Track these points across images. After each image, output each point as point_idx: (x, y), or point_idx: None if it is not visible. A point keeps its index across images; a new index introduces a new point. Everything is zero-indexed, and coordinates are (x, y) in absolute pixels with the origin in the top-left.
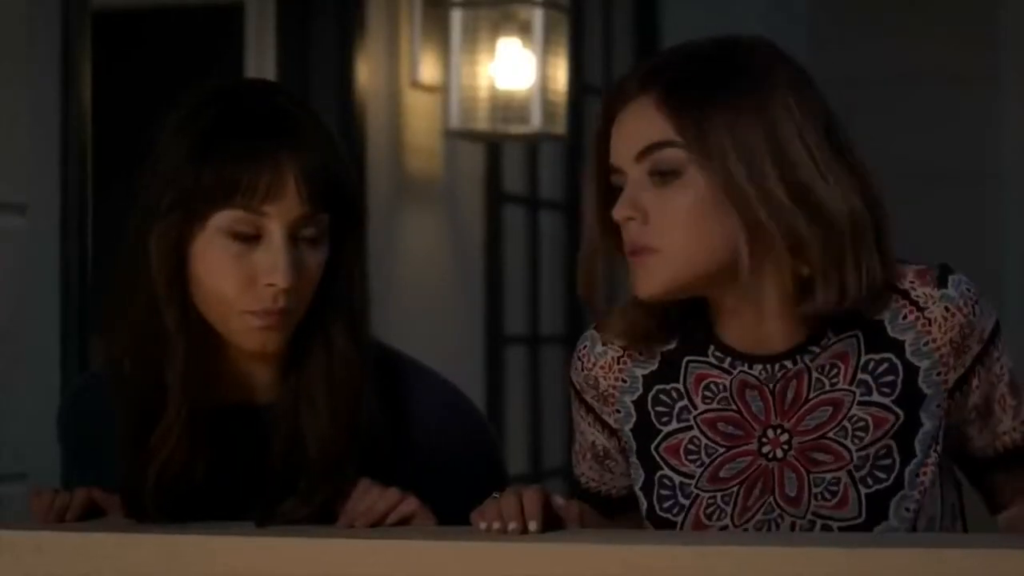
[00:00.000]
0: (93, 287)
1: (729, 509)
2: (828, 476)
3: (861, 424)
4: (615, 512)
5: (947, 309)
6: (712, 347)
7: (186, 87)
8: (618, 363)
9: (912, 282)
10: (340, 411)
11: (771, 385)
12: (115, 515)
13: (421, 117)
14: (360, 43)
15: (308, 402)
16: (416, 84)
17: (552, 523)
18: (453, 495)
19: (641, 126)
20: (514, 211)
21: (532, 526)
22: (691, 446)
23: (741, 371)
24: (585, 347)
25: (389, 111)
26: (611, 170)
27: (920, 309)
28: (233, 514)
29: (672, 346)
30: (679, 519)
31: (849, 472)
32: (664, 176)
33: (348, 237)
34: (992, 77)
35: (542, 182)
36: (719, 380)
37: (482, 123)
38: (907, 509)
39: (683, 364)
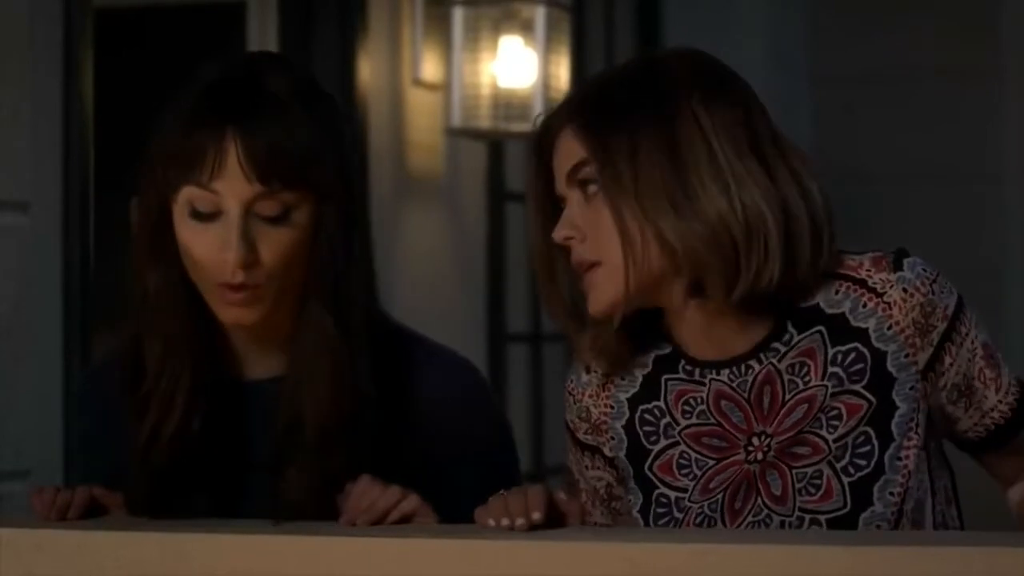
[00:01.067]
0: (95, 284)
1: (718, 516)
2: (809, 470)
3: (835, 413)
4: None
5: (905, 291)
6: (681, 361)
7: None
8: (604, 389)
9: (868, 270)
10: (324, 387)
11: (746, 394)
12: (117, 513)
13: (423, 115)
14: (362, 41)
15: (300, 379)
16: (418, 82)
17: (556, 521)
18: (462, 469)
19: (566, 152)
20: (516, 209)
21: (536, 516)
22: (682, 460)
23: (712, 379)
24: (572, 381)
25: (391, 109)
26: (559, 200)
27: (879, 295)
28: (230, 488)
29: (649, 368)
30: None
31: (829, 463)
32: (588, 193)
33: (328, 211)
34: (994, 74)
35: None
36: (695, 393)
37: (484, 121)
38: (891, 494)
39: (662, 382)
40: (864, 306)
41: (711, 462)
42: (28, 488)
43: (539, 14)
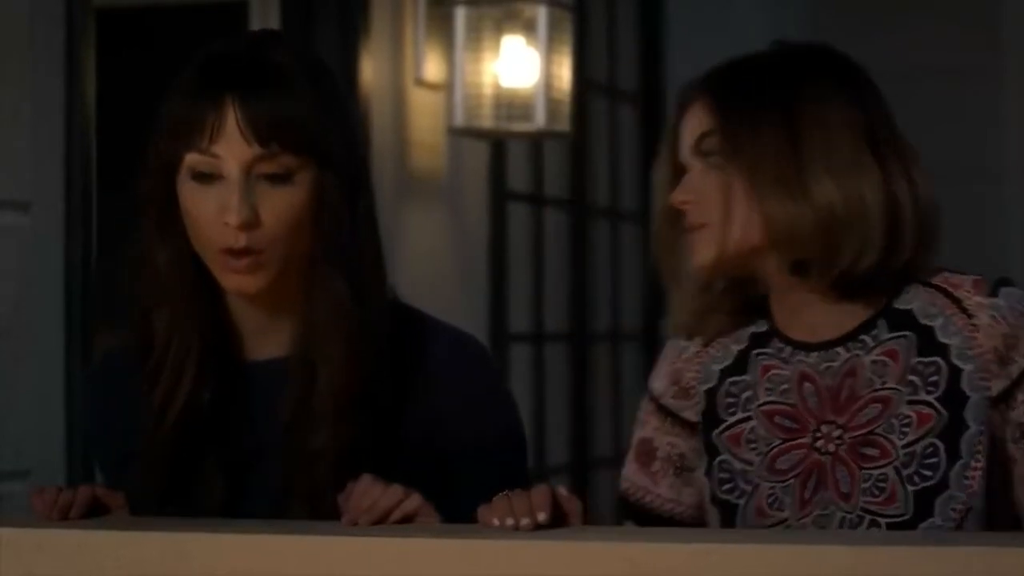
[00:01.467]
0: (96, 285)
1: (788, 500)
2: (876, 472)
3: (907, 421)
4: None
5: (993, 317)
6: (775, 338)
7: None
8: (698, 357)
9: (967, 291)
10: (339, 353)
11: (828, 381)
12: (119, 512)
13: (425, 115)
14: (364, 41)
15: (314, 346)
16: (420, 82)
17: (559, 520)
18: (468, 444)
19: (694, 122)
20: (518, 209)
21: (541, 517)
22: (751, 435)
23: (799, 359)
24: (671, 347)
25: (393, 109)
26: (679, 166)
27: (969, 316)
28: (236, 469)
29: (744, 344)
30: (740, 502)
31: (896, 468)
32: (708, 159)
33: (330, 178)
34: (995, 74)
35: (546, 180)
36: (781, 371)
37: (486, 121)
38: (953, 509)
39: (751, 357)
40: (954, 324)
41: (777, 441)
42: (28, 488)
43: (541, 14)
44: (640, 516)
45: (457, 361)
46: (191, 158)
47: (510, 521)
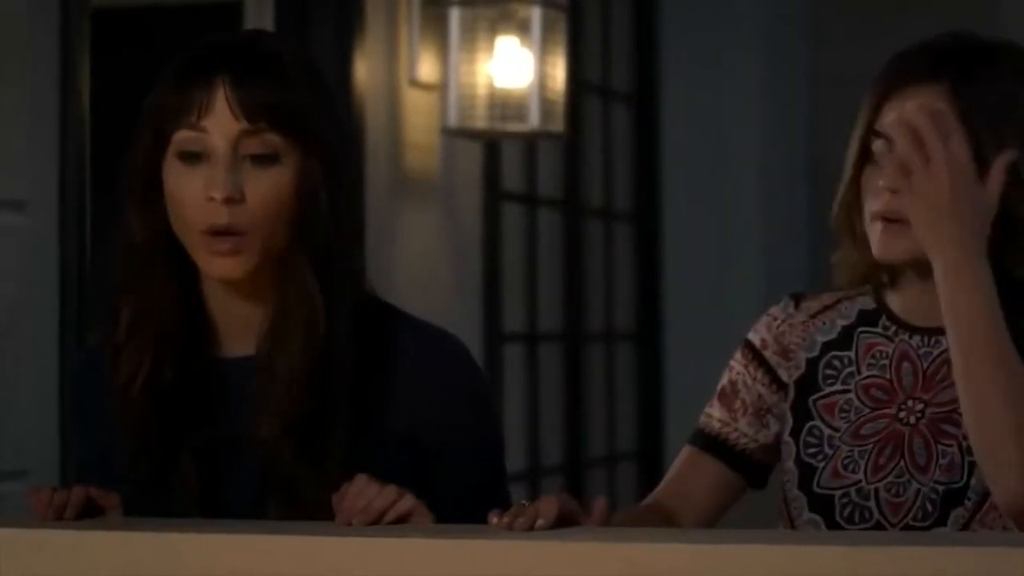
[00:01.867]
0: (92, 284)
1: (863, 463)
2: (951, 450)
3: None
4: (753, 476)
5: None
6: (883, 317)
7: None
8: (805, 327)
9: None
10: (296, 335)
11: (925, 364)
12: (114, 513)
13: (419, 115)
14: (359, 41)
15: (275, 330)
16: (414, 82)
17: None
18: (447, 440)
19: (926, 111)
20: (512, 209)
21: (540, 523)
22: (845, 406)
23: (902, 340)
24: (780, 308)
25: (387, 109)
26: (875, 133)
27: None
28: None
29: (851, 320)
30: (820, 465)
31: (959, 443)
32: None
33: (312, 164)
34: None
35: (540, 180)
36: (884, 348)
37: (480, 121)
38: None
39: (856, 335)
40: None
41: (867, 410)
42: (26, 488)
43: (535, 15)
44: (714, 446)
45: (437, 357)
46: (179, 136)
47: (506, 519)
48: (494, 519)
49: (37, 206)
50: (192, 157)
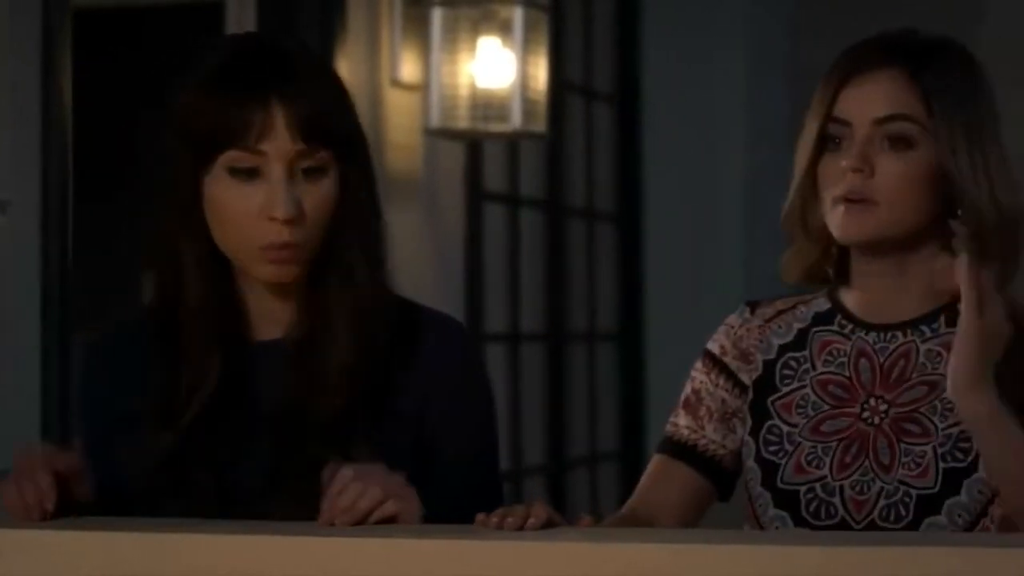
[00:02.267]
0: (74, 284)
1: (828, 460)
2: (916, 448)
3: (950, 406)
4: (721, 484)
5: None
6: (838, 316)
7: (167, 85)
8: (760, 331)
9: (1021, 307)
10: (361, 339)
11: (882, 359)
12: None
13: (401, 115)
14: (340, 41)
15: (328, 332)
16: (396, 83)
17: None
18: (450, 422)
19: (888, 95)
20: (494, 209)
21: (531, 522)
22: (801, 402)
23: (859, 337)
24: (736, 316)
25: (369, 110)
26: (833, 120)
27: (1020, 331)
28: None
29: (806, 323)
30: (783, 462)
31: (934, 448)
32: (898, 143)
33: (352, 170)
34: None
35: (522, 180)
36: (840, 346)
37: (462, 122)
38: (979, 492)
39: (811, 335)
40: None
41: (826, 407)
42: None
43: (517, 15)
44: (684, 453)
45: (447, 344)
46: (230, 155)
47: (495, 520)
48: (481, 519)
49: (19, 206)
50: (245, 174)
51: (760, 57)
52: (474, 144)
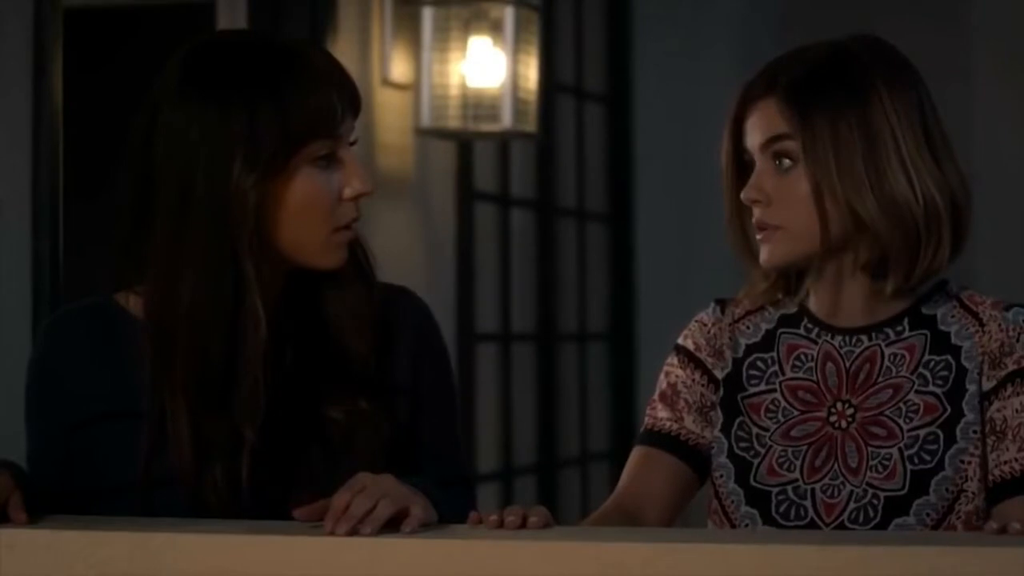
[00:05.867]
0: (65, 283)
1: (798, 464)
2: (883, 451)
3: (914, 408)
4: (703, 471)
5: (999, 326)
6: (804, 320)
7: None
8: (731, 329)
9: (986, 307)
10: (363, 328)
11: (848, 363)
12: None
13: (392, 115)
14: (331, 41)
15: (343, 320)
16: (387, 82)
17: None
18: (431, 384)
19: (765, 122)
20: (485, 209)
21: (533, 520)
22: (771, 406)
23: (825, 340)
24: (707, 314)
25: (360, 109)
26: (745, 151)
27: (982, 324)
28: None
29: (772, 324)
30: (755, 461)
31: (900, 449)
32: (783, 164)
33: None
34: (964, 74)
35: (513, 180)
36: (808, 350)
37: (453, 121)
38: (947, 490)
39: (777, 336)
40: (967, 330)
41: (796, 412)
42: None
43: (508, 14)
44: (665, 441)
45: (420, 316)
46: (319, 146)
47: (493, 517)
48: (476, 519)
49: (10, 206)
50: (326, 161)
51: (751, 56)
52: (465, 144)
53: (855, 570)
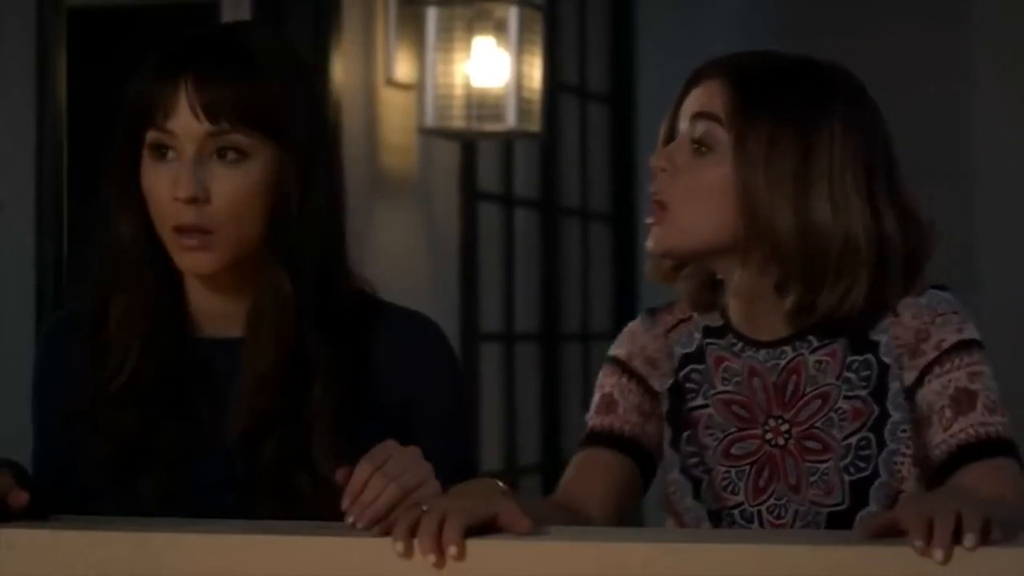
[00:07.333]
0: (68, 284)
1: (743, 486)
2: (821, 466)
3: (844, 415)
4: (644, 464)
5: (913, 315)
6: (729, 334)
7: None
8: (665, 338)
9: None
10: (266, 338)
11: (773, 377)
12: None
13: (396, 115)
14: (335, 41)
15: (252, 338)
16: (391, 82)
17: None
18: (427, 411)
19: (705, 97)
20: (489, 209)
21: (452, 551)
22: (709, 422)
23: (749, 355)
24: (639, 323)
25: (364, 109)
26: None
27: (896, 315)
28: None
29: (701, 334)
30: (704, 478)
31: (836, 462)
32: (701, 146)
33: (285, 166)
34: (964, 73)
35: (517, 180)
36: (733, 364)
37: (457, 121)
38: (886, 496)
39: (706, 348)
40: (883, 323)
41: (732, 429)
42: None
43: (512, 14)
44: (604, 438)
45: (420, 336)
46: (150, 135)
47: (400, 548)
48: (397, 547)
49: (13, 206)
50: (161, 155)
51: None
52: (469, 144)
53: (856, 570)
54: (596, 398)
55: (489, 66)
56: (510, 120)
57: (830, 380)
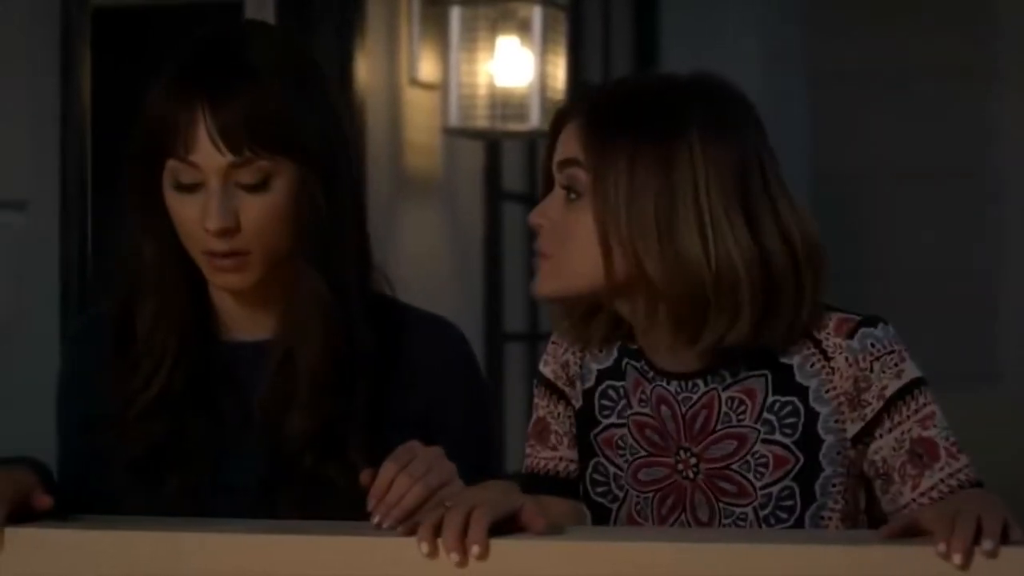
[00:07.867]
0: (92, 283)
1: (649, 512)
2: (737, 510)
3: (763, 461)
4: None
5: (847, 360)
6: (643, 360)
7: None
8: (581, 351)
9: (828, 332)
10: (316, 346)
11: (684, 409)
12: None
13: (420, 115)
14: (359, 41)
15: (293, 340)
16: (415, 82)
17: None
18: (448, 421)
19: (565, 143)
20: (513, 209)
21: (475, 551)
22: (620, 443)
23: (659, 384)
24: (558, 338)
25: (388, 109)
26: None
27: (827, 359)
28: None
29: (616, 353)
30: (613, 507)
31: (755, 509)
32: (571, 193)
33: (308, 180)
34: (989, 73)
35: (541, 180)
36: (646, 388)
37: (481, 121)
38: None
39: (625, 366)
40: (812, 365)
41: (643, 453)
42: None
43: (536, 14)
44: (546, 484)
45: (443, 341)
46: (172, 164)
47: (425, 549)
48: (423, 547)
49: (38, 206)
50: (186, 186)
51: (777, 57)
52: (493, 143)
53: (878, 570)
54: (533, 418)
55: (513, 66)
56: (534, 120)
57: (747, 422)
